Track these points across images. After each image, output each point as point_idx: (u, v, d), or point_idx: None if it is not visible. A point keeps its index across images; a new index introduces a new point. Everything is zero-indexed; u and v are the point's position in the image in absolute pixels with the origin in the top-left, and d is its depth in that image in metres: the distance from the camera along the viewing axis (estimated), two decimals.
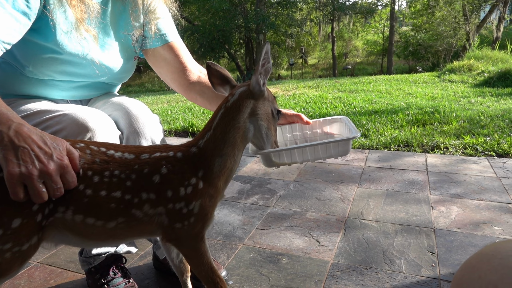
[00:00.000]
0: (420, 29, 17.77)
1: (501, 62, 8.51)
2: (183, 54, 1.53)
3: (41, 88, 1.36)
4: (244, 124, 1.08)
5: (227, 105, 1.07)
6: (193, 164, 1.02)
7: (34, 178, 0.81)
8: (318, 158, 1.30)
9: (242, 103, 1.08)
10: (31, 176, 0.80)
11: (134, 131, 1.32)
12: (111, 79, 1.49)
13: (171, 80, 1.56)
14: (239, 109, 1.07)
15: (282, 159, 1.25)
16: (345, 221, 2.06)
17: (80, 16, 1.22)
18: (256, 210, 2.25)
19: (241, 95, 1.09)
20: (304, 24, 22.02)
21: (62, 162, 0.85)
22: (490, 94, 5.97)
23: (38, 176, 0.81)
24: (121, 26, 1.41)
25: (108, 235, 0.99)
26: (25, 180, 0.80)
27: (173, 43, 1.51)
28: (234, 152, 1.07)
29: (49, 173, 0.82)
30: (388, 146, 3.46)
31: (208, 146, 1.04)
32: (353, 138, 1.28)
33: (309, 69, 26.26)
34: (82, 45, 1.28)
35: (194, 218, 1.00)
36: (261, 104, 1.12)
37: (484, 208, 2.15)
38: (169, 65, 1.53)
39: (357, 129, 1.33)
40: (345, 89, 7.20)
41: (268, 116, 1.15)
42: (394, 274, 1.58)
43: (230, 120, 1.06)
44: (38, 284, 1.60)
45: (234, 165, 1.09)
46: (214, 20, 19.15)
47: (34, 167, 0.81)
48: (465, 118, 4.15)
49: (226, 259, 1.73)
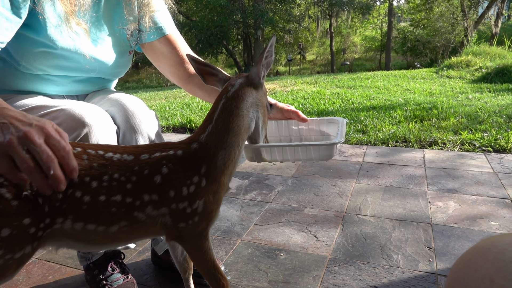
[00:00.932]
0: (418, 25, 17.77)
1: (499, 58, 8.51)
2: (180, 47, 1.51)
3: (36, 83, 1.36)
4: (247, 112, 1.06)
5: (228, 95, 1.05)
6: (195, 161, 0.99)
7: (14, 144, 0.76)
8: (298, 159, 1.29)
9: (244, 92, 1.07)
10: (11, 143, 0.76)
11: (130, 127, 1.32)
12: (105, 74, 1.48)
13: (170, 73, 1.55)
14: (242, 98, 1.06)
15: (268, 155, 1.26)
16: (343, 217, 2.06)
17: (70, 9, 1.21)
18: (254, 206, 2.25)
19: (242, 85, 1.07)
20: (302, 20, 21.97)
21: (42, 126, 0.80)
22: (488, 90, 5.98)
23: (18, 143, 0.77)
24: (116, 20, 1.39)
25: (111, 239, 0.97)
26: (7, 150, 0.76)
27: (170, 36, 1.50)
28: (238, 142, 1.05)
29: (29, 136, 0.77)
30: (386, 142, 3.46)
31: (210, 139, 1.02)
32: (335, 144, 1.25)
33: (307, 65, 26.23)
34: (74, 39, 1.26)
35: (199, 217, 0.99)
36: (260, 95, 1.12)
37: (481, 203, 2.16)
38: (167, 58, 1.52)
39: (343, 135, 1.31)
40: (343, 85, 7.20)
41: (264, 108, 1.15)
42: (392, 269, 1.59)
43: (233, 109, 1.04)
44: (37, 280, 1.60)
45: (238, 157, 1.07)
46: (212, 16, 19.09)
47: (12, 135, 0.77)
48: (463, 114, 4.16)
49: (224, 255, 1.74)
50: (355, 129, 3.87)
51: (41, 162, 0.79)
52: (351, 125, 3.98)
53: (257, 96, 1.10)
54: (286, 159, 1.29)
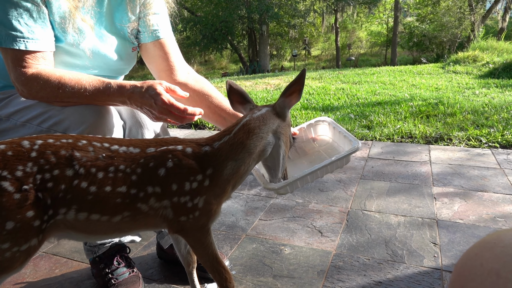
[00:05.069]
0: (425, 20, 17.62)
1: (507, 53, 8.43)
2: (172, 53, 1.51)
3: None
4: (266, 135, 1.09)
5: (253, 116, 1.10)
6: (202, 162, 1.02)
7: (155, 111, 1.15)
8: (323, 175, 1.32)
9: (269, 117, 1.11)
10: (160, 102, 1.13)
11: (136, 121, 1.33)
12: (110, 71, 1.48)
13: (158, 77, 1.54)
14: (266, 122, 1.10)
15: (296, 186, 1.27)
16: (347, 212, 2.06)
17: (74, 5, 1.22)
18: (259, 201, 2.26)
19: (268, 111, 1.12)
20: (307, 15, 21.85)
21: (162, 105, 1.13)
22: (495, 85, 5.92)
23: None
24: (117, 17, 1.39)
25: (113, 229, 0.99)
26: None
27: (163, 41, 1.49)
28: (249, 160, 1.07)
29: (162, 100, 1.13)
30: (392, 137, 3.45)
31: (223, 148, 1.05)
32: (356, 151, 1.29)
33: (312, 60, 26.12)
34: (78, 35, 1.27)
35: (199, 212, 1.01)
36: (284, 126, 1.15)
37: (487, 200, 2.15)
38: (157, 63, 1.51)
39: (354, 137, 1.34)
40: (349, 80, 7.17)
41: (287, 140, 1.17)
42: (396, 264, 1.59)
43: (254, 128, 1.07)
44: (44, 274, 1.62)
45: (244, 174, 1.09)
46: (217, 11, 19.04)
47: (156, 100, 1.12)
48: (469, 109, 4.12)
49: (229, 250, 1.74)
50: (360, 124, 3.86)
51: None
52: (356, 121, 3.97)
53: (281, 125, 1.14)
54: (315, 179, 1.32)
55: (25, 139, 0.92)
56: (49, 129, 1.19)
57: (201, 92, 1.49)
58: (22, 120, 1.24)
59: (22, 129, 1.23)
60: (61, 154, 0.91)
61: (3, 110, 1.28)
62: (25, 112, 1.24)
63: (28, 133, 1.21)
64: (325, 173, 1.31)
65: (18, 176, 0.85)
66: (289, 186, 1.23)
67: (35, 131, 1.20)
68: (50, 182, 0.88)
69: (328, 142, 1.53)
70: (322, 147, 1.53)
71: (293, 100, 1.14)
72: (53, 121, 1.19)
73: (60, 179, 0.89)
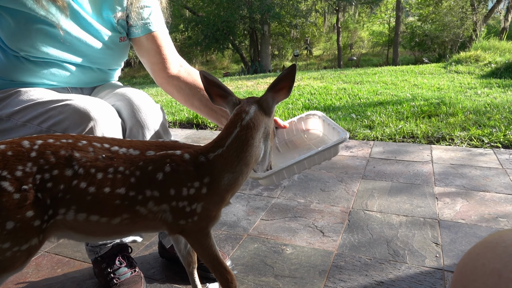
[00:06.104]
0: (427, 20, 17.58)
1: (509, 53, 8.40)
2: (165, 46, 1.50)
3: (37, 74, 1.37)
4: (259, 143, 1.07)
5: (243, 124, 1.03)
6: (199, 171, 1.00)
7: None
8: (312, 165, 1.33)
9: (259, 121, 1.06)
10: None
11: (137, 121, 1.33)
12: (99, 63, 1.48)
13: (151, 71, 1.55)
14: (257, 128, 1.05)
15: (282, 176, 1.27)
16: (349, 212, 2.06)
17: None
18: (261, 201, 2.26)
19: (257, 113, 1.06)
20: (309, 15, 21.85)
21: None
22: (497, 85, 5.90)
23: None
24: (104, 8, 1.40)
25: (113, 231, 0.99)
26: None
27: (156, 34, 1.49)
28: (247, 170, 1.06)
29: None
30: (393, 137, 3.44)
31: (218, 161, 1.02)
32: (343, 141, 1.28)
33: (314, 60, 26.11)
34: (54, 14, 1.28)
35: (198, 217, 1.01)
36: (270, 122, 1.11)
37: (489, 200, 2.14)
38: (150, 56, 1.51)
39: (343, 129, 1.33)
40: (350, 80, 7.16)
41: (272, 135, 1.15)
42: (398, 264, 1.58)
43: (248, 139, 1.03)
44: (46, 273, 1.62)
45: (243, 181, 1.08)
46: (219, 11, 19.05)
47: None
48: (471, 109, 4.11)
49: (230, 249, 1.75)
50: (362, 124, 3.85)
51: None
52: (358, 121, 3.96)
53: (268, 123, 1.10)
54: (303, 170, 1.32)
55: (25, 139, 0.92)
56: (49, 129, 1.19)
57: (193, 85, 1.49)
58: (23, 120, 1.24)
59: (22, 129, 1.24)
60: (61, 154, 0.91)
61: (4, 110, 1.29)
62: (26, 112, 1.25)
63: (28, 133, 1.22)
64: (313, 164, 1.30)
65: (18, 176, 0.85)
66: (275, 176, 1.22)
67: (35, 131, 1.21)
68: (49, 182, 0.88)
69: (319, 136, 1.53)
70: (312, 140, 1.53)
71: (281, 97, 1.09)
72: (53, 121, 1.19)
73: (60, 179, 0.89)
